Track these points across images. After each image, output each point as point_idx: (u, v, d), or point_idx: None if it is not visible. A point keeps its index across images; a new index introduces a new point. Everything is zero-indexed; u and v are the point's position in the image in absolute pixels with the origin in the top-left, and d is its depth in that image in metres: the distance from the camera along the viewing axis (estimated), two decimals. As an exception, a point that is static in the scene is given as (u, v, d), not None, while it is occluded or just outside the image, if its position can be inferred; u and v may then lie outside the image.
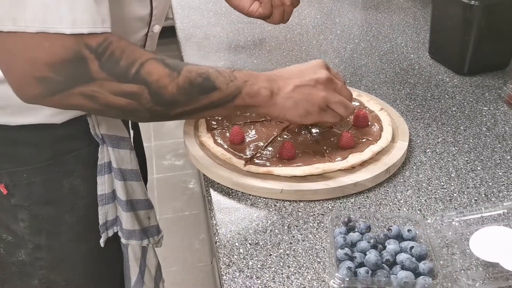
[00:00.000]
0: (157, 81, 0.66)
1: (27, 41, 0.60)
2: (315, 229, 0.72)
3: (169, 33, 1.56)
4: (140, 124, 1.08)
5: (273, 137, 0.88)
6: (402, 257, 0.62)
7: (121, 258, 0.92)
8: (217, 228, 0.73)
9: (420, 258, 0.63)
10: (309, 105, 0.77)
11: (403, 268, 0.62)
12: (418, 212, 0.75)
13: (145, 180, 1.08)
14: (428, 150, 0.88)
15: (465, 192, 0.79)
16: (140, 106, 0.67)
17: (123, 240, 0.88)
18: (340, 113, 0.80)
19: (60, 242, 0.84)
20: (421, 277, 0.60)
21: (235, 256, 0.68)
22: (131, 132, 1.01)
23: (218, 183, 0.81)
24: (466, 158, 0.86)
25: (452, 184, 0.80)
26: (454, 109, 1.01)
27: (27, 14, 0.59)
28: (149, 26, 0.84)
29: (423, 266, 0.61)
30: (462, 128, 0.94)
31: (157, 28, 0.86)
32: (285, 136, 0.88)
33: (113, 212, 0.86)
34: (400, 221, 0.71)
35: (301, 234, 0.71)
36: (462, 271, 0.64)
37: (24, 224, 0.81)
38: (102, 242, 0.86)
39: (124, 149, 0.84)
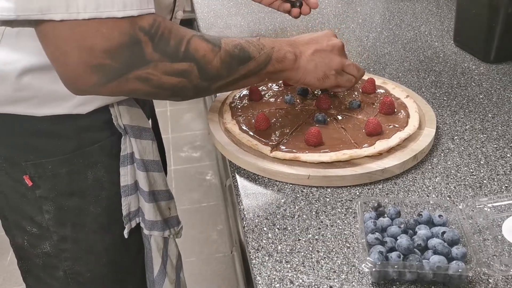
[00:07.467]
0: (203, 57, 0.67)
1: (82, 28, 0.58)
2: (343, 214, 0.72)
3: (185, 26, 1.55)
4: (157, 116, 1.08)
5: (298, 123, 0.87)
6: (434, 242, 0.62)
7: (143, 248, 0.92)
8: (245, 213, 0.73)
9: (452, 243, 0.62)
10: (327, 68, 0.82)
11: (436, 252, 0.61)
12: (448, 198, 0.74)
13: (164, 171, 1.08)
14: (456, 137, 0.87)
15: (495, 179, 0.77)
16: (189, 83, 0.68)
17: (145, 231, 0.88)
18: (354, 75, 0.86)
19: (85, 234, 0.84)
20: (454, 261, 0.59)
21: (264, 241, 0.68)
22: (149, 122, 1.00)
23: (244, 169, 0.81)
24: (495, 145, 0.85)
25: (482, 171, 0.79)
26: (481, 96, 0.99)
27: (79, 1, 0.57)
28: (172, 13, 0.83)
29: (456, 251, 0.60)
30: (490, 115, 0.93)
31: (180, 14, 0.86)
32: (310, 123, 0.88)
33: (136, 203, 0.86)
34: (430, 207, 0.70)
35: (329, 220, 0.71)
36: (495, 257, 0.63)
37: (49, 216, 0.81)
38: (126, 233, 0.86)
39: (146, 139, 0.84)
